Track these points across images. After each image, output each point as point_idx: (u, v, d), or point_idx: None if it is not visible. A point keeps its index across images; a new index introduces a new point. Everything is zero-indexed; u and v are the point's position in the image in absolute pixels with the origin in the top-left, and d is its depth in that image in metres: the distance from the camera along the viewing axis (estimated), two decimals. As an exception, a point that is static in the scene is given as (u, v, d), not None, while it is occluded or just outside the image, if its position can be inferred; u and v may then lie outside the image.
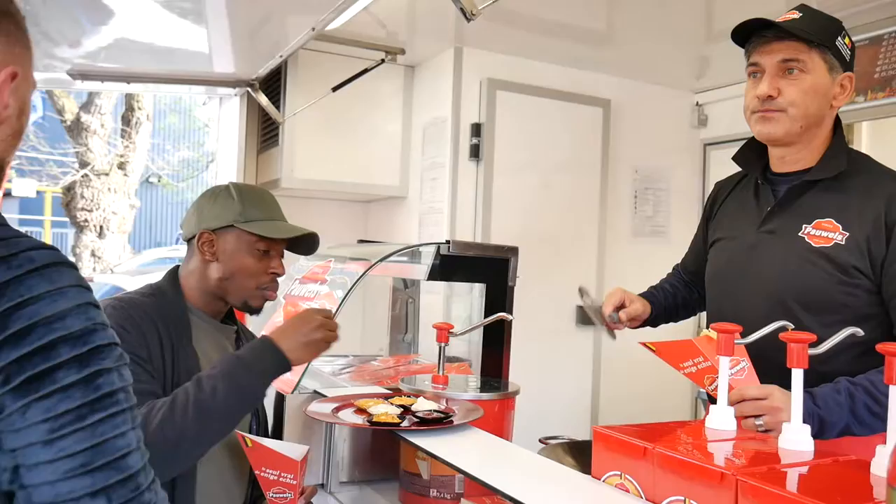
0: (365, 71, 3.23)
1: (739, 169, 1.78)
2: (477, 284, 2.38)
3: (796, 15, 1.56)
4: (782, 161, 1.63)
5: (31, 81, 0.94)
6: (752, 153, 1.69)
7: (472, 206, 3.38)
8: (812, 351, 1.16)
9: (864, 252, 1.48)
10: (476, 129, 3.37)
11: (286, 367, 1.48)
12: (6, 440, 0.75)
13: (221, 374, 1.39)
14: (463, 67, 3.37)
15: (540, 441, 1.85)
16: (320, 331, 1.50)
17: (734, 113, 3.59)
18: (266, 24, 2.70)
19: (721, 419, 1.23)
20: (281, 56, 2.96)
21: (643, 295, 1.92)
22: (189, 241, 1.66)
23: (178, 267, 1.68)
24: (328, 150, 3.54)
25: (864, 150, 3.07)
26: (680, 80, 3.73)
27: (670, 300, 1.94)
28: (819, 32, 1.52)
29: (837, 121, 1.63)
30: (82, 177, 9.95)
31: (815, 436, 1.32)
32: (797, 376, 1.13)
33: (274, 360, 1.45)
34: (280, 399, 1.88)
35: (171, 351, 1.50)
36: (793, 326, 1.26)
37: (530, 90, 3.46)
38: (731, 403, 1.32)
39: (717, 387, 1.33)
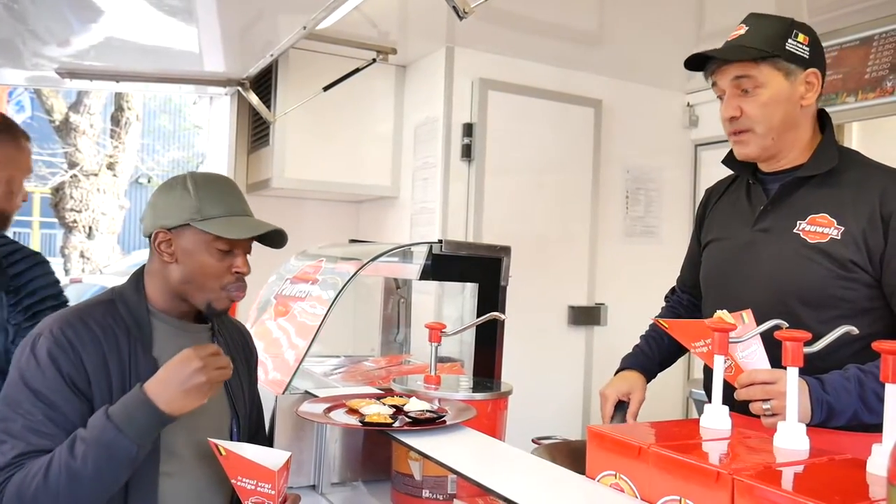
0: (356, 70, 3.22)
1: (730, 173, 1.78)
2: (469, 284, 2.37)
3: (743, 30, 1.57)
4: (769, 163, 1.64)
5: None
6: None
7: (463, 206, 3.37)
8: (807, 349, 1.16)
9: (860, 246, 1.48)
10: (468, 129, 3.36)
11: (165, 421, 1.36)
12: None
13: (92, 438, 1.32)
14: (454, 67, 3.37)
15: (533, 441, 1.84)
16: (202, 373, 1.36)
17: (725, 113, 3.61)
18: (257, 23, 2.68)
19: (716, 418, 1.22)
20: (272, 55, 2.95)
21: (634, 361, 1.88)
22: (148, 238, 1.54)
23: (143, 268, 1.58)
24: (319, 149, 3.53)
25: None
26: (671, 81, 3.74)
27: (665, 353, 1.89)
28: (765, 43, 1.52)
29: (826, 117, 1.64)
30: (71, 177, 9.89)
31: (823, 423, 1.35)
32: (792, 374, 1.12)
33: (150, 418, 1.34)
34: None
35: (119, 364, 1.43)
36: (787, 325, 1.26)
37: (522, 90, 3.46)
38: (740, 386, 1.35)
39: (728, 367, 1.35)
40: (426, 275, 2.18)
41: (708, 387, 1.71)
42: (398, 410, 1.60)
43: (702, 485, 0.99)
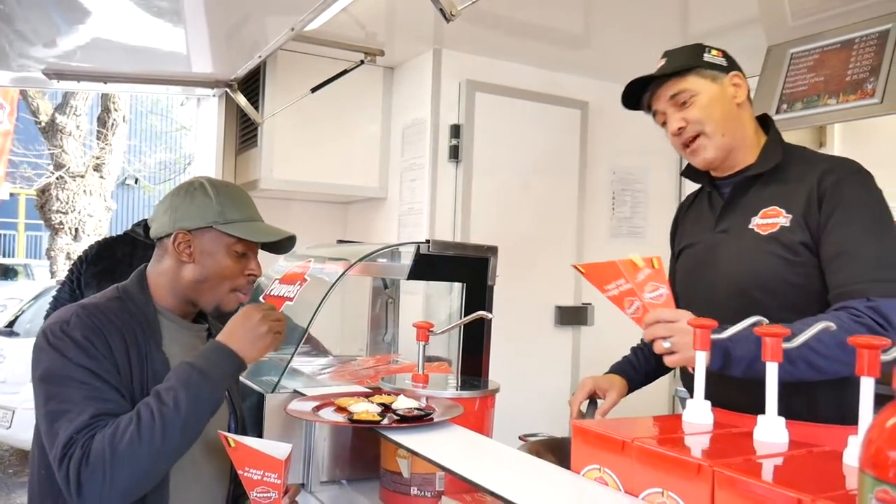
0: (344, 72, 3.24)
1: (696, 187, 1.88)
2: (456, 284, 2.39)
3: (663, 61, 1.71)
4: (721, 168, 1.73)
5: None
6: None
7: (451, 206, 3.39)
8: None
9: (804, 228, 1.56)
10: (455, 131, 3.38)
11: (242, 367, 1.48)
12: None
13: (180, 385, 1.38)
14: (442, 69, 3.38)
15: (520, 438, 1.86)
16: (265, 323, 1.50)
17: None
18: (244, 25, 2.69)
19: (698, 413, 1.25)
20: (260, 56, 2.95)
21: (619, 368, 1.93)
22: (160, 239, 1.59)
23: (145, 267, 1.62)
24: (307, 151, 3.54)
25: (836, 152, 3.17)
26: (657, 83, 3.77)
27: (651, 366, 1.92)
28: (685, 61, 1.67)
29: (769, 121, 1.75)
30: (57, 179, 9.83)
31: (721, 369, 1.42)
32: (772, 370, 1.15)
33: (229, 363, 1.45)
34: (260, 398, 1.87)
35: (139, 357, 1.46)
36: (767, 321, 1.28)
37: (509, 92, 3.48)
38: (645, 326, 1.43)
39: (636, 309, 1.43)
40: (414, 275, 2.20)
41: (686, 381, 1.76)
42: (386, 408, 1.62)
43: (683, 477, 1.01)
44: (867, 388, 1.00)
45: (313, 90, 3.21)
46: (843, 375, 1.37)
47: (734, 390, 1.49)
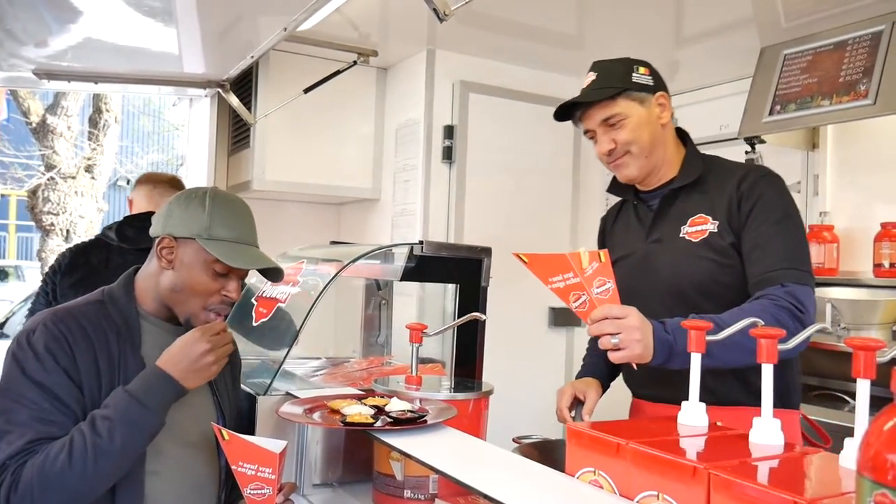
0: (337, 72, 3.23)
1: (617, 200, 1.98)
2: (450, 285, 2.38)
3: (593, 76, 1.78)
4: (646, 182, 1.83)
5: None
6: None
7: (444, 207, 3.38)
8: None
9: (730, 231, 1.68)
10: (448, 132, 3.38)
11: (180, 393, 1.45)
12: None
13: (116, 415, 1.37)
14: (435, 70, 3.38)
15: (514, 441, 1.86)
16: (211, 354, 1.46)
17: (704, 116, 3.64)
18: (237, 24, 2.67)
19: (693, 415, 1.24)
20: (252, 56, 2.94)
21: (587, 370, 1.98)
22: (154, 240, 1.58)
23: (136, 269, 1.61)
24: (300, 151, 3.52)
25: (829, 153, 3.17)
26: (650, 84, 3.77)
27: (610, 364, 1.94)
28: (615, 82, 1.74)
29: (687, 136, 1.86)
30: (48, 180, 9.78)
31: (664, 363, 1.47)
32: (767, 371, 1.14)
33: (168, 390, 1.43)
34: (252, 400, 1.86)
35: (109, 362, 1.45)
36: (762, 322, 1.28)
37: (502, 93, 3.48)
38: (592, 321, 1.45)
39: (582, 303, 1.44)
40: (407, 276, 2.18)
41: (627, 379, 1.95)
42: (379, 411, 1.61)
43: (679, 480, 1.00)
44: (863, 389, 0.99)
45: (306, 91, 3.20)
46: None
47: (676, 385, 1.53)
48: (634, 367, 1.48)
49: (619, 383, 2.01)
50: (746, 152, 3.05)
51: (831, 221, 3.08)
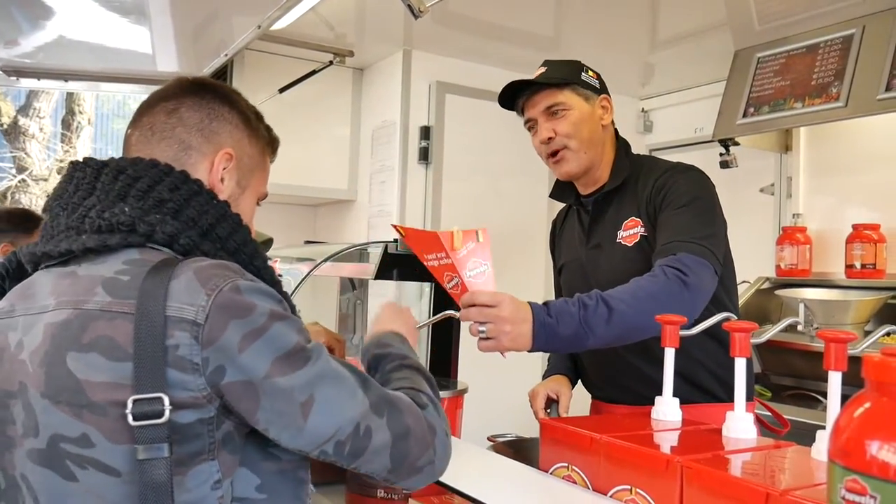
0: (313, 72, 3.21)
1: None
2: (426, 284, 2.37)
3: (543, 69, 1.79)
4: (585, 185, 1.83)
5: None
6: (565, 185, 1.89)
7: (421, 208, 3.37)
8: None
9: (653, 228, 1.67)
10: (425, 133, 3.37)
11: None
12: None
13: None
14: (412, 70, 3.37)
15: (488, 439, 1.85)
16: None
17: (678, 119, 3.67)
18: (211, 23, 2.65)
19: (666, 410, 1.24)
20: (226, 55, 2.90)
21: (554, 368, 2.01)
22: None
23: None
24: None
25: (802, 155, 3.20)
26: (625, 87, 3.79)
27: (574, 359, 2.00)
28: (565, 75, 1.76)
29: (619, 138, 1.86)
30: (20, 182, 9.64)
31: (545, 346, 1.42)
32: (740, 365, 1.14)
33: None
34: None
35: None
36: (735, 317, 1.29)
37: (479, 94, 3.47)
38: (462, 306, 1.40)
39: (455, 285, 1.40)
40: (381, 274, 2.17)
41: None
42: (353, 409, 1.59)
43: (651, 473, 1.00)
44: (835, 381, 1.00)
45: (281, 91, 3.18)
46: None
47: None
48: (503, 356, 1.43)
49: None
50: (721, 154, 3.07)
51: (804, 223, 3.11)
